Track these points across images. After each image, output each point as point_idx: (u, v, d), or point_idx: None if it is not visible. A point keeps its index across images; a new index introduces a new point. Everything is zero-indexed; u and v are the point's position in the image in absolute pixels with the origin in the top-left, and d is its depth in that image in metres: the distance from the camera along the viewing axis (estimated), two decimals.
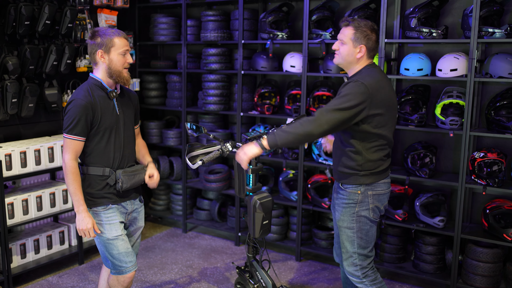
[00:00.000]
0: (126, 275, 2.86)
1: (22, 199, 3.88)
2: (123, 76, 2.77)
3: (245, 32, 4.64)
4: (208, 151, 3.00)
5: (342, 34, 2.81)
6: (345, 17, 2.87)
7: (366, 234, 2.87)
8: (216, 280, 4.12)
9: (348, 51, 2.78)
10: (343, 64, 2.86)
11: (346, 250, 2.91)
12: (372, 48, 2.80)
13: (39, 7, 3.96)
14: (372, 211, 2.84)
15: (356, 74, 2.79)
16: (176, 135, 5.21)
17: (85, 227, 2.72)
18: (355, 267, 2.89)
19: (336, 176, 2.95)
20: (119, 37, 2.73)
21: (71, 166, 2.68)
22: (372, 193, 2.83)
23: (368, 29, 2.76)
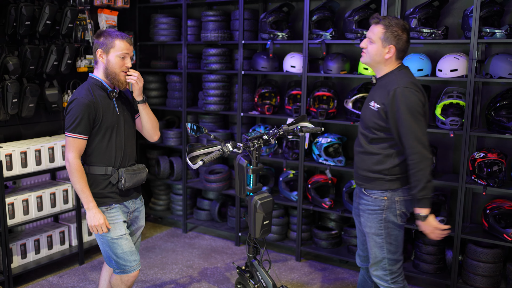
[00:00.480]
0: (131, 274, 2.87)
1: (22, 199, 3.88)
2: (118, 78, 2.77)
3: (245, 32, 4.64)
4: (209, 151, 3.00)
5: (371, 32, 2.71)
6: (376, 14, 2.75)
7: (395, 239, 2.79)
8: (216, 280, 4.13)
9: (376, 51, 2.69)
10: (370, 64, 2.78)
11: (375, 255, 2.82)
12: (402, 49, 2.70)
13: (40, 7, 3.96)
14: (399, 216, 2.76)
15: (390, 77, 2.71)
16: (176, 135, 5.21)
17: (97, 223, 2.71)
18: (385, 271, 2.81)
19: (359, 181, 2.86)
20: (121, 40, 2.74)
21: (76, 164, 2.68)
22: (399, 198, 2.75)
23: (399, 29, 2.65)
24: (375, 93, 2.77)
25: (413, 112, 2.59)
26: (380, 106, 2.68)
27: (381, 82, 2.77)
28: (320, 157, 4.34)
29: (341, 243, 4.56)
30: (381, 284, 2.86)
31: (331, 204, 4.30)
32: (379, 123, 2.70)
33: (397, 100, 2.60)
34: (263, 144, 3.06)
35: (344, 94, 4.54)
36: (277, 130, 3.15)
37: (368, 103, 2.80)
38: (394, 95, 2.61)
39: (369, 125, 2.76)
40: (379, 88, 2.76)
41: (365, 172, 2.79)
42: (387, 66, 2.74)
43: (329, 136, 4.35)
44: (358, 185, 2.90)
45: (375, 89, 2.81)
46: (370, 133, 2.76)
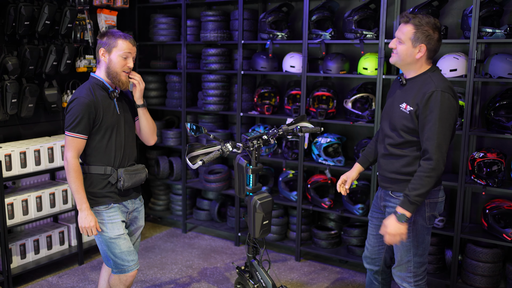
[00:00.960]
0: (129, 273, 2.87)
1: (22, 200, 3.88)
2: (120, 78, 2.78)
3: (245, 32, 4.64)
4: (208, 151, 3.00)
5: (400, 32, 2.62)
6: (405, 13, 2.66)
7: (422, 241, 2.74)
8: (216, 280, 4.13)
9: (406, 51, 2.61)
10: (400, 64, 2.69)
11: (401, 258, 2.77)
12: (434, 48, 2.61)
13: (39, 7, 3.96)
14: (428, 219, 2.71)
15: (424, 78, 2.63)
16: (175, 135, 5.21)
17: (88, 225, 2.72)
18: (409, 273, 2.76)
19: (386, 184, 2.80)
20: (124, 40, 2.76)
21: (73, 164, 2.68)
22: (429, 201, 2.69)
23: (431, 28, 2.56)
24: (407, 94, 2.67)
25: (444, 119, 2.52)
26: (413, 109, 2.59)
27: (413, 83, 2.67)
28: (319, 157, 4.34)
29: (340, 243, 4.56)
30: (403, 286, 2.81)
31: (330, 204, 4.30)
32: (409, 126, 2.62)
33: (432, 103, 2.52)
34: (263, 144, 3.06)
35: (343, 94, 4.54)
36: (276, 130, 3.15)
37: (398, 104, 2.69)
38: (430, 98, 2.52)
39: (397, 127, 2.68)
40: (411, 89, 2.66)
41: (394, 175, 2.73)
42: (418, 66, 2.66)
43: (328, 136, 4.35)
44: (384, 188, 2.82)
45: (405, 90, 2.70)
46: (398, 136, 2.69)
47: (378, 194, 2.95)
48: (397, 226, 2.58)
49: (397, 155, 2.71)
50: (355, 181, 4.28)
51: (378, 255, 3.00)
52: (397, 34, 2.66)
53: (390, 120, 2.74)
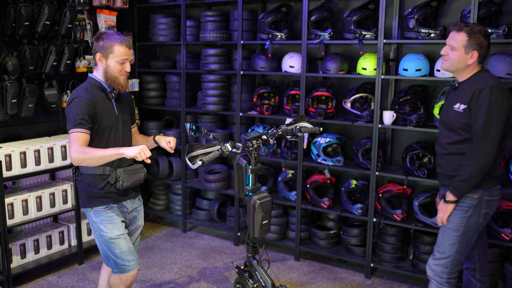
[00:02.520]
0: (129, 273, 2.87)
1: (22, 199, 3.89)
2: (118, 82, 2.78)
3: (244, 32, 4.65)
4: (208, 151, 3.01)
5: (452, 40, 2.78)
6: (457, 21, 2.83)
7: (469, 239, 2.83)
8: (215, 279, 4.14)
9: (459, 58, 2.77)
10: (451, 70, 2.85)
11: (443, 250, 2.86)
12: (484, 54, 2.77)
13: (39, 7, 3.96)
14: (483, 216, 2.81)
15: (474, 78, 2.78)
16: (175, 135, 5.21)
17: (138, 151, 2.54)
18: (445, 269, 2.85)
19: (447, 181, 2.89)
20: (120, 45, 2.73)
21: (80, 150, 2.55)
22: (488, 198, 2.79)
23: (482, 36, 2.73)
24: (459, 95, 2.82)
25: (492, 113, 2.66)
26: (465, 107, 2.74)
27: (465, 84, 2.82)
28: (318, 157, 4.35)
29: (339, 243, 4.57)
30: (434, 279, 2.89)
31: (329, 204, 4.31)
32: (464, 122, 2.75)
33: (481, 98, 2.67)
34: (262, 144, 3.07)
35: (342, 94, 4.55)
36: (276, 130, 3.16)
37: (451, 106, 2.84)
38: (480, 94, 2.67)
39: (454, 127, 2.81)
40: (463, 90, 2.81)
41: (454, 172, 2.82)
42: (469, 71, 2.81)
43: (327, 136, 4.36)
44: (445, 186, 2.92)
45: (458, 92, 2.85)
46: (455, 135, 2.81)
47: (440, 194, 3.06)
48: (443, 205, 2.83)
49: (456, 153, 2.82)
50: (354, 181, 4.30)
51: (471, 252, 3.04)
52: (449, 42, 2.81)
53: (447, 122, 2.88)
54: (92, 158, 2.55)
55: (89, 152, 2.54)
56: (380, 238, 4.23)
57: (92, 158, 2.55)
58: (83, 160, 2.56)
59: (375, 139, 4.02)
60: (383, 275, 4.25)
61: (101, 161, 2.58)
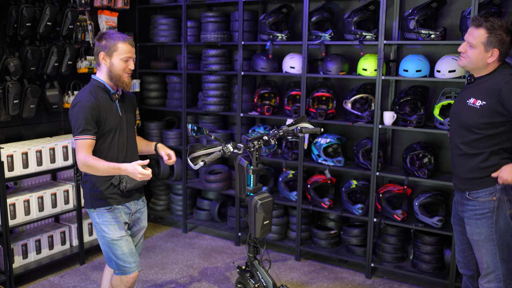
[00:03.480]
0: (130, 275, 2.88)
1: (23, 200, 3.91)
2: (123, 80, 2.79)
3: (245, 33, 4.66)
4: (210, 152, 3.02)
5: (471, 36, 2.57)
6: (476, 16, 2.61)
7: (508, 245, 2.63)
8: (216, 279, 4.15)
9: (478, 56, 2.56)
10: (469, 68, 2.65)
11: (487, 265, 2.65)
12: (506, 52, 2.56)
13: (40, 8, 3.98)
14: (510, 216, 2.61)
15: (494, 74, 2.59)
16: (176, 135, 5.23)
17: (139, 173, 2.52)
18: (499, 283, 2.64)
19: (462, 185, 2.72)
20: (123, 43, 2.74)
21: (87, 159, 2.60)
22: (508, 197, 2.61)
23: (504, 32, 2.51)
24: (474, 90, 2.64)
25: None
26: (485, 103, 2.55)
27: (482, 79, 2.64)
28: (319, 157, 4.36)
29: (340, 243, 4.59)
30: None
31: (330, 204, 4.33)
32: (482, 120, 2.57)
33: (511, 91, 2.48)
34: (263, 144, 3.08)
35: (343, 94, 4.56)
36: (277, 130, 3.18)
37: (465, 100, 2.66)
38: (509, 88, 2.48)
39: (469, 123, 2.62)
40: (479, 85, 2.63)
41: (471, 174, 2.65)
42: (489, 69, 2.62)
43: (328, 136, 4.38)
44: (461, 191, 2.74)
45: (473, 87, 2.67)
46: (471, 133, 2.62)
47: (455, 199, 2.88)
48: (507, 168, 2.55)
49: (473, 153, 2.64)
50: (355, 181, 4.32)
51: (470, 260, 2.92)
52: (467, 38, 2.61)
53: (460, 119, 2.69)
54: (96, 170, 2.62)
55: (93, 165, 2.60)
56: (381, 238, 4.25)
57: (96, 170, 2.62)
58: (87, 170, 2.65)
59: (375, 139, 4.04)
60: (384, 275, 4.27)
61: (104, 174, 2.65)
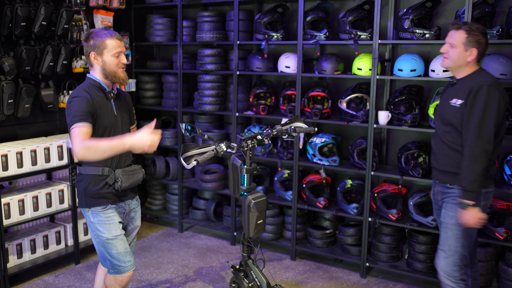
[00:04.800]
0: (124, 274, 2.88)
1: (18, 199, 3.90)
2: (118, 76, 2.78)
3: (240, 33, 4.67)
4: (203, 151, 3.02)
5: (452, 38, 2.84)
6: (455, 20, 2.92)
7: (470, 235, 2.86)
8: (211, 279, 4.15)
9: (458, 55, 2.82)
10: (452, 67, 2.90)
11: (449, 247, 2.88)
12: (482, 52, 2.84)
13: (35, 8, 3.97)
14: (482, 208, 2.83)
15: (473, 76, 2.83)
16: (172, 135, 5.23)
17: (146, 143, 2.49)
18: (455, 266, 2.86)
19: (444, 177, 2.94)
20: (111, 39, 2.74)
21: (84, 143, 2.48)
22: (485, 190, 2.84)
23: (480, 33, 2.79)
24: (457, 91, 2.87)
25: (487, 110, 2.70)
26: (463, 102, 2.79)
27: (463, 81, 2.87)
28: (314, 157, 4.37)
29: (335, 242, 4.59)
30: (449, 280, 2.89)
31: (325, 203, 4.33)
32: (461, 117, 2.79)
33: (479, 96, 2.72)
34: (257, 144, 3.08)
35: (338, 94, 4.57)
36: (270, 130, 3.18)
37: (448, 101, 2.89)
38: (478, 91, 2.72)
39: (451, 122, 2.85)
40: (460, 86, 2.86)
41: (454, 169, 2.86)
42: (469, 68, 2.87)
43: (323, 136, 4.38)
44: (443, 182, 2.96)
45: (456, 88, 2.90)
46: (453, 130, 2.85)
47: (434, 191, 3.09)
48: (466, 213, 2.76)
49: (455, 149, 2.86)
50: (350, 181, 4.32)
51: None
52: (448, 40, 2.88)
53: (443, 117, 2.92)
54: (96, 151, 2.48)
55: (92, 145, 2.47)
56: (376, 238, 4.25)
57: (97, 150, 2.48)
58: (87, 154, 2.47)
59: (370, 139, 4.04)
60: (379, 275, 4.27)
61: (106, 154, 2.52)
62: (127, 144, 2.50)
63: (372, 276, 4.25)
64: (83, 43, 2.79)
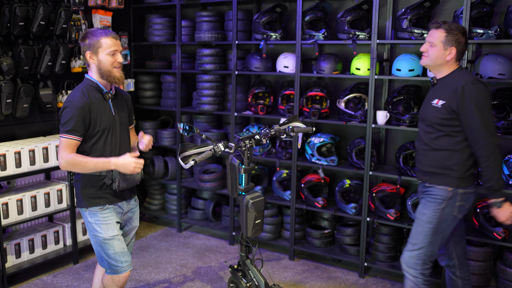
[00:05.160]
0: (121, 274, 2.88)
1: (16, 199, 3.90)
2: (113, 75, 2.78)
3: (239, 32, 4.67)
4: (201, 151, 3.02)
5: (431, 37, 2.86)
6: (435, 20, 2.92)
7: (441, 232, 2.89)
8: (209, 279, 4.15)
9: (438, 53, 2.84)
10: (431, 66, 2.92)
11: (416, 242, 2.91)
12: (462, 51, 2.85)
13: (34, 8, 3.97)
14: (457, 208, 2.87)
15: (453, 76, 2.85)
16: (170, 135, 5.23)
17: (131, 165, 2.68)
18: (418, 260, 2.90)
19: (425, 177, 2.96)
20: (106, 37, 2.74)
21: (71, 157, 2.66)
22: (463, 191, 2.86)
23: (459, 32, 2.81)
24: (438, 91, 2.89)
25: (482, 107, 2.72)
26: (444, 102, 2.80)
27: (443, 81, 2.89)
28: (313, 157, 4.37)
29: (334, 242, 4.59)
30: (409, 272, 2.94)
31: (324, 203, 4.33)
32: (443, 118, 2.81)
33: (466, 96, 2.73)
34: (255, 144, 3.09)
35: (336, 94, 4.57)
36: (268, 130, 3.18)
37: (429, 102, 2.92)
38: (463, 92, 2.73)
39: (433, 122, 2.87)
40: (441, 87, 2.88)
41: (433, 168, 2.89)
42: (448, 67, 2.88)
43: (322, 135, 4.38)
44: (424, 181, 2.98)
45: (436, 88, 2.92)
46: (435, 130, 2.87)
47: (418, 190, 3.12)
48: (500, 211, 2.79)
49: (436, 149, 2.88)
50: (348, 181, 4.32)
51: (450, 249, 3.10)
52: (428, 39, 2.88)
53: (425, 118, 2.94)
54: (82, 168, 2.69)
55: (79, 163, 2.66)
56: (374, 238, 4.25)
57: (82, 168, 2.68)
58: (71, 168, 2.68)
59: (368, 139, 4.04)
60: (377, 274, 4.27)
61: (90, 171, 2.71)
62: (112, 166, 2.70)
63: (370, 276, 4.26)
64: (80, 42, 2.80)
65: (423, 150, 2.97)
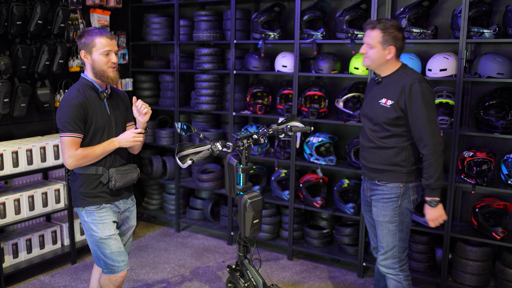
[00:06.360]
0: (118, 274, 2.87)
1: (14, 199, 3.89)
2: (107, 75, 2.78)
3: (237, 32, 4.65)
4: (198, 150, 3.01)
5: (369, 38, 2.84)
6: (369, 20, 2.92)
7: (406, 226, 2.94)
8: (208, 279, 4.14)
9: (377, 54, 2.84)
10: (373, 67, 2.92)
11: (387, 244, 2.94)
12: (401, 47, 2.86)
13: (31, 7, 3.96)
14: (412, 202, 2.93)
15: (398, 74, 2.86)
16: (169, 134, 5.22)
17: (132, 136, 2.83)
18: (394, 259, 2.93)
19: (372, 174, 2.97)
20: (101, 37, 2.74)
21: (78, 153, 2.69)
22: (413, 185, 2.91)
23: (395, 29, 2.80)
24: (384, 90, 2.89)
25: (429, 105, 2.75)
26: (393, 102, 2.81)
27: (389, 79, 2.89)
28: (311, 157, 4.36)
29: (332, 242, 4.58)
30: (389, 273, 2.97)
31: (322, 203, 4.32)
32: (392, 118, 2.81)
33: (414, 94, 2.75)
34: (253, 143, 3.07)
35: (335, 93, 4.56)
36: (266, 129, 3.17)
37: (377, 100, 2.90)
38: (411, 90, 2.75)
39: (380, 121, 2.87)
40: (387, 85, 2.88)
41: (381, 166, 2.90)
42: (390, 65, 2.89)
43: (320, 135, 4.37)
44: (371, 178, 2.99)
45: (382, 87, 2.91)
46: (382, 129, 2.87)
47: (363, 187, 3.12)
48: (433, 211, 2.84)
49: (383, 147, 2.89)
50: (347, 180, 4.31)
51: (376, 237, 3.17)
52: (365, 40, 2.88)
53: (372, 116, 2.93)
54: (93, 158, 2.74)
55: (87, 154, 2.71)
56: None
57: (93, 158, 2.74)
58: (83, 163, 2.72)
59: None
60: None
61: (100, 158, 2.78)
62: (116, 143, 2.81)
63: (369, 276, 4.25)
64: (77, 40, 2.81)
65: (369, 148, 2.97)
